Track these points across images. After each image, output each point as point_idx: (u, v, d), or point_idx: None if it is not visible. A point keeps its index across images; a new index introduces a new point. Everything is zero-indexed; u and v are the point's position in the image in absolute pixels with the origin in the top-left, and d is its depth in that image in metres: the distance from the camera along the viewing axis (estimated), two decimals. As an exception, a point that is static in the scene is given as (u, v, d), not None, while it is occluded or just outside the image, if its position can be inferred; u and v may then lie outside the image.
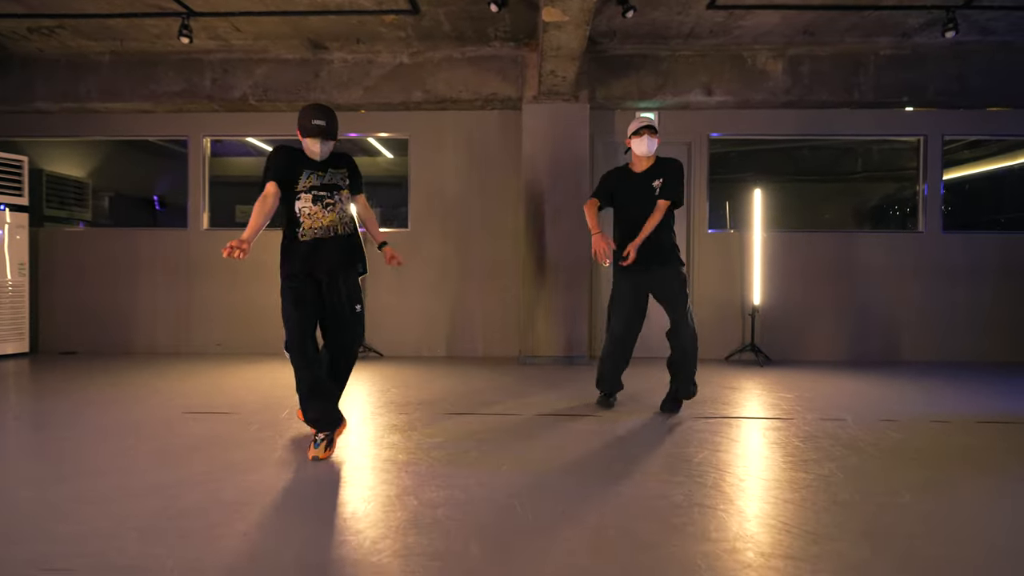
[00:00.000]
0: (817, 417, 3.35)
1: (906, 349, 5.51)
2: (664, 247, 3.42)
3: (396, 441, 2.86)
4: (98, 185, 6.34)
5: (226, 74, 5.40)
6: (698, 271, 5.57)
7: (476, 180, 5.63)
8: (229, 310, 5.70)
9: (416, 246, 5.66)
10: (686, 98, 5.29)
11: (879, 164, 6.13)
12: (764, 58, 5.25)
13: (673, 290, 3.42)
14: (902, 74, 5.22)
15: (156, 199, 6.84)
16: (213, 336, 5.72)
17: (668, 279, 3.42)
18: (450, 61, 5.33)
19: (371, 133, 5.77)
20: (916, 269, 5.52)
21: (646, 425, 3.19)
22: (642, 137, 3.36)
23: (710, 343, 5.57)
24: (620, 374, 3.62)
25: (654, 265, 3.40)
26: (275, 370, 4.80)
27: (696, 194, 5.56)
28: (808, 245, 5.57)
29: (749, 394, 4.02)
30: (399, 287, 5.65)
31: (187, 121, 5.72)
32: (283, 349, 2.77)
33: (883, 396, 3.97)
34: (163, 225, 5.85)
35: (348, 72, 5.37)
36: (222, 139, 5.89)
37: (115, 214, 6.60)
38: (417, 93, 5.35)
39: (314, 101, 5.39)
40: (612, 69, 5.29)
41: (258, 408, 3.50)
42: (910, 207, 5.77)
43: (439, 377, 4.56)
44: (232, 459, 2.59)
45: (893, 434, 3.05)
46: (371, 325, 5.66)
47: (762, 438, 2.95)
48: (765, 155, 5.97)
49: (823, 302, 5.54)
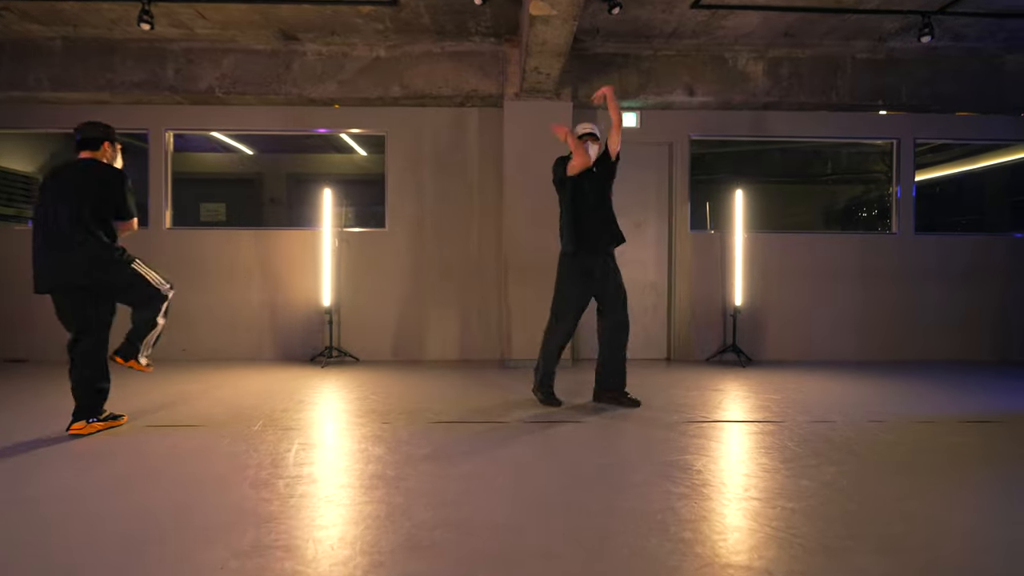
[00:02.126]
0: (808, 419, 3.33)
1: (881, 348, 5.60)
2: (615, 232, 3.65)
3: (382, 454, 2.70)
4: (49, 181, 5.92)
5: (190, 64, 5.11)
6: (679, 272, 5.55)
7: (456, 179, 5.48)
8: (193, 314, 5.40)
9: (393, 246, 5.48)
10: (668, 98, 5.26)
11: (852, 166, 6.24)
12: (745, 59, 5.26)
13: (619, 280, 3.64)
14: (878, 78, 5.30)
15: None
16: (177, 341, 5.41)
17: (614, 269, 3.63)
18: (429, 56, 5.16)
19: (346, 129, 5.56)
20: (890, 270, 5.62)
21: (637, 429, 3.11)
22: (585, 143, 3.61)
23: (691, 344, 5.56)
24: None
25: (610, 249, 3.63)
26: (244, 377, 4.56)
27: (677, 195, 5.53)
28: (786, 246, 5.61)
29: (736, 396, 3.99)
30: (375, 289, 5.46)
31: (148, 114, 5.40)
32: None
33: (866, 396, 3.99)
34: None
35: (322, 65, 5.15)
36: (186, 133, 5.58)
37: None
38: (395, 88, 5.17)
39: (286, 94, 5.15)
40: (594, 67, 5.21)
41: (228, 419, 3.28)
42: (878, 208, 5.88)
43: (420, 383, 4.40)
44: (203, 478, 2.39)
45: (884, 435, 3.04)
46: (346, 328, 5.45)
47: (758, 443, 2.90)
48: (741, 156, 5.99)
49: (800, 302, 5.58)
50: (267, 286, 5.43)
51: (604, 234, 3.60)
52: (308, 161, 6.37)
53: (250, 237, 5.46)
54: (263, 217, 6.05)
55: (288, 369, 4.93)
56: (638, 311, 5.58)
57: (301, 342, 5.41)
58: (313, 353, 5.36)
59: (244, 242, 5.46)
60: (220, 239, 5.45)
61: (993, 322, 5.65)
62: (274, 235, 5.49)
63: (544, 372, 3.67)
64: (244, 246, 5.45)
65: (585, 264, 3.56)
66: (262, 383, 4.34)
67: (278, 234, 5.50)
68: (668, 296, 5.61)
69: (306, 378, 4.55)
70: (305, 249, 5.43)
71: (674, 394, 4.02)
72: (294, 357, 5.38)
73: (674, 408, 3.60)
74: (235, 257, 5.45)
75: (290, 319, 5.42)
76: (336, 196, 5.39)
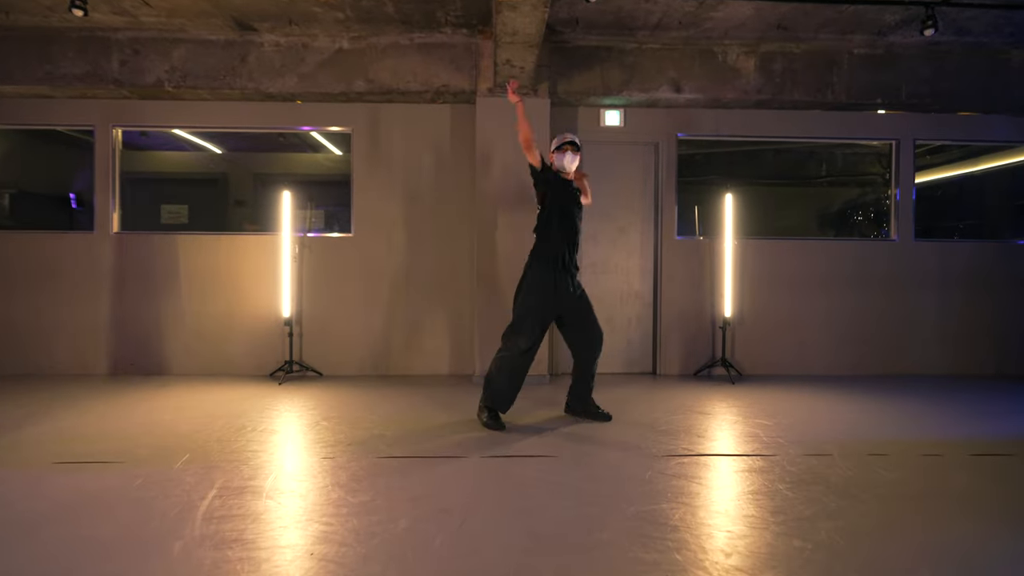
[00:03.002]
0: (801, 452, 2.99)
1: (878, 362, 5.28)
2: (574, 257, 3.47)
3: (311, 503, 2.34)
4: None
5: (137, 56, 4.72)
6: (665, 280, 5.21)
7: (426, 181, 5.11)
8: (143, 324, 5.01)
9: (360, 253, 5.11)
10: (654, 95, 4.91)
11: (848, 168, 5.91)
12: (736, 54, 4.92)
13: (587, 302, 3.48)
14: (876, 75, 4.98)
15: (73, 197, 6.05)
16: (125, 355, 5.03)
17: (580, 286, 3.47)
18: (396, 48, 4.79)
19: (309, 126, 5.18)
20: (888, 278, 5.30)
21: (611, 467, 2.76)
22: (564, 153, 3.44)
23: (678, 358, 5.22)
24: (517, 392, 3.41)
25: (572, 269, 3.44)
26: (191, 396, 4.18)
27: (664, 198, 5.19)
28: (778, 253, 5.28)
29: (723, 421, 3.65)
30: (341, 298, 5.09)
31: (93, 108, 5.00)
32: None
33: (864, 421, 3.67)
34: (82, 227, 5.06)
35: (280, 57, 4.77)
36: (136, 130, 5.19)
37: (20, 214, 5.78)
38: (359, 83, 4.80)
39: (242, 89, 4.77)
40: (574, 61, 4.86)
41: (150, 454, 2.91)
42: (875, 213, 5.57)
43: (381, 403, 4.04)
44: (95, 534, 2.03)
45: (886, 473, 2.71)
46: (310, 341, 5.07)
47: (746, 485, 2.56)
48: (731, 158, 5.65)
49: (793, 313, 5.26)
50: (225, 295, 5.05)
51: (569, 253, 3.42)
52: (278, 161, 5.98)
53: (207, 242, 5.08)
54: (228, 220, 5.65)
55: (243, 386, 4.56)
56: (621, 322, 5.24)
57: (261, 356, 5.03)
58: (274, 368, 4.99)
59: (200, 247, 5.08)
60: (173, 244, 5.07)
61: (994, 335, 5.34)
62: (232, 240, 5.11)
63: (494, 390, 3.34)
64: (200, 252, 5.07)
65: (549, 276, 3.35)
66: (208, 404, 3.96)
67: (237, 239, 5.12)
68: (654, 306, 5.27)
69: (259, 397, 4.19)
70: (267, 255, 5.05)
71: (657, 418, 3.68)
72: (252, 372, 5.01)
73: (655, 436, 3.25)
74: (189, 263, 5.06)
75: (249, 331, 5.05)
76: (304, 198, 5.02)
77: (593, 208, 5.30)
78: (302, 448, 3.05)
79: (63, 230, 5.14)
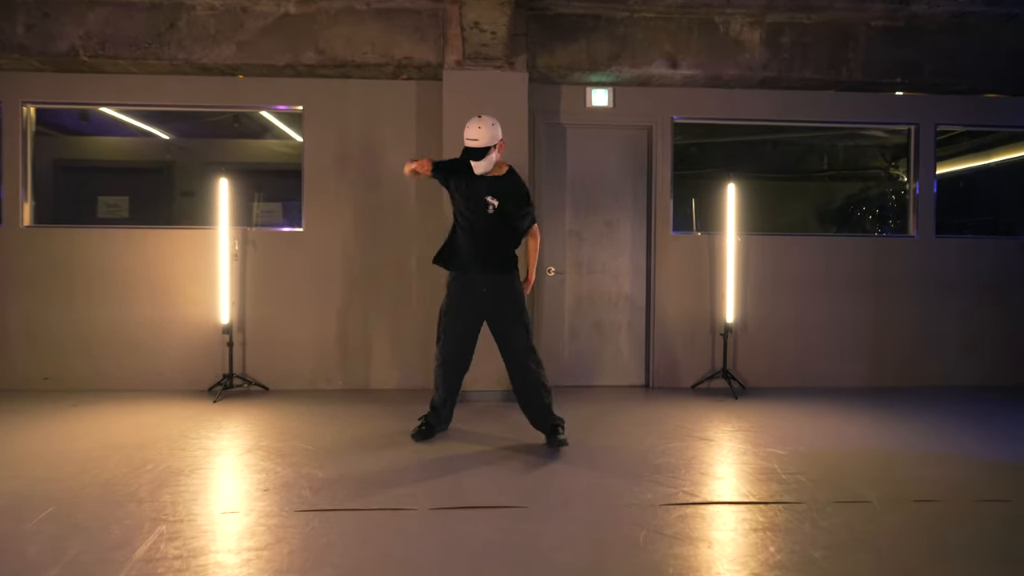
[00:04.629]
0: (832, 498, 2.41)
1: (896, 372, 4.73)
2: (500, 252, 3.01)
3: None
4: None
5: (46, 19, 4.04)
6: (660, 281, 4.62)
7: (388, 169, 4.47)
8: (59, 332, 4.33)
9: (311, 251, 4.46)
10: (647, 70, 4.32)
11: (861, 158, 5.36)
12: (739, 24, 4.34)
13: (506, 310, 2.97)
14: (896, 51, 4.42)
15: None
16: (39, 367, 4.35)
17: (501, 290, 2.97)
18: (351, 13, 4.16)
19: (252, 105, 4.53)
20: (907, 279, 4.75)
21: (588, 527, 2.16)
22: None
23: (674, 369, 4.64)
24: (450, 406, 3.16)
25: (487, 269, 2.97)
26: (97, 418, 3.52)
27: (658, 189, 4.60)
28: (785, 251, 4.71)
29: (729, 451, 3.06)
30: (289, 302, 4.44)
31: (0, 83, 4.32)
32: None
33: (897, 450, 3.10)
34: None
35: (216, 22, 4.11)
36: (50, 107, 4.51)
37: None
38: (308, 54, 4.15)
39: (171, 59, 4.12)
40: (557, 31, 4.25)
41: (56, 486, 2.27)
42: (891, 207, 5.02)
43: (326, 426, 3.41)
44: None
45: (945, 529, 2.14)
46: (253, 350, 4.43)
47: (770, 550, 1.96)
48: (732, 147, 5.07)
49: (802, 318, 4.69)
50: (157, 297, 4.39)
51: (476, 258, 3.00)
52: (233, 148, 5.29)
53: (137, 237, 4.42)
54: (172, 213, 4.95)
55: (171, 404, 3.90)
56: (610, 329, 4.65)
57: (198, 368, 4.37)
58: (213, 382, 4.33)
59: (128, 243, 4.41)
60: (95, 239, 4.39)
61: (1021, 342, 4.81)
62: (164, 235, 4.45)
63: (431, 405, 3.18)
64: (127, 248, 4.40)
65: (462, 280, 3.02)
66: (114, 429, 3.31)
67: (169, 233, 4.45)
68: (647, 310, 4.68)
69: (183, 420, 3.54)
70: (204, 252, 4.39)
71: (650, 446, 3.08)
72: (188, 386, 4.35)
73: (647, 474, 2.66)
74: (115, 262, 4.39)
75: (186, 338, 4.38)
76: (252, 188, 4.37)
77: (578, 201, 4.72)
78: (205, 495, 2.42)
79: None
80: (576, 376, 4.62)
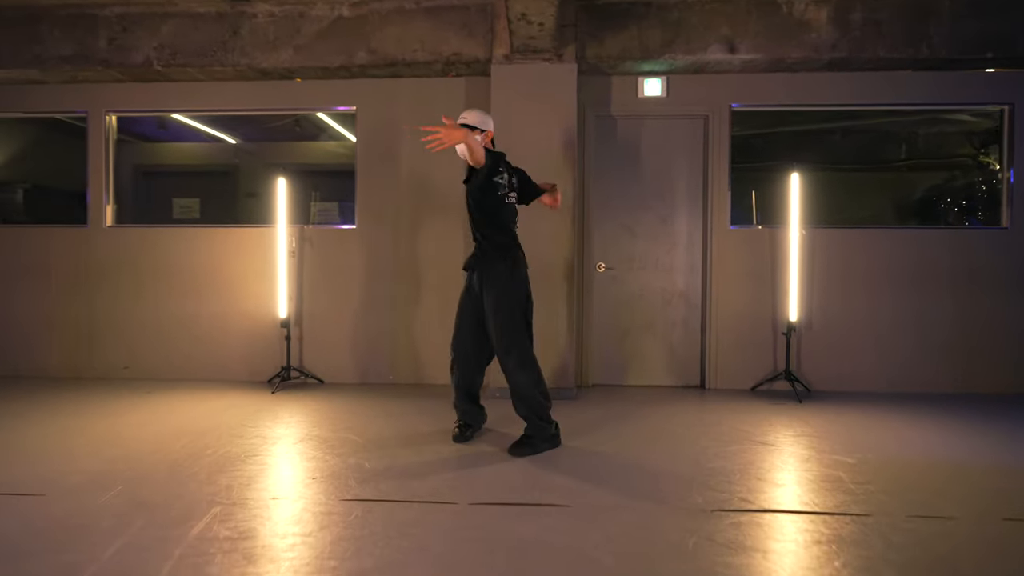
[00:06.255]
0: (907, 511, 2.20)
1: (985, 378, 4.31)
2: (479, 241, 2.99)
3: (219, 572, 1.76)
4: (8, 176, 5.28)
5: (125, 33, 4.33)
6: (716, 277, 4.41)
7: (439, 166, 4.50)
8: (136, 325, 4.64)
9: (364, 248, 4.57)
10: (702, 57, 4.14)
11: (944, 145, 4.91)
12: (804, 3, 4.07)
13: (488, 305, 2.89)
14: (985, 24, 4.02)
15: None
16: (119, 358, 4.68)
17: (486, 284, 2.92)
18: (401, 13, 4.21)
19: (310, 107, 4.68)
20: (998, 275, 4.32)
21: (639, 529, 2.07)
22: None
23: (731, 369, 4.42)
24: (472, 403, 3.06)
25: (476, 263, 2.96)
26: (168, 407, 3.74)
27: (714, 181, 4.40)
28: (855, 245, 4.39)
29: (791, 457, 2.87)
30: (343, 297, 4.56)
31: (84, 93, 4.67)
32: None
33: (986, 464, 2.80)
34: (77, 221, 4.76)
35: (275, 28, 4.28)
36: (130, 116, 4.83)
37: (33, 210, 5.56)
38: (360, 54, 4.25)
39: (234, 65, 4.31)
40: (606, 20, 4.14)
41: (79, 484, 2.43)
42: (981, 197, 4.57)
43: (375, 420, 3.47)
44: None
45: (1038, 551, 1.90)
46: (310, 344, 4.58)
47: (833, 566, 1.80)
48: (796, 138, 4.77)
49: (874, 316, 4.36)
50: (222, 293, 4.62)
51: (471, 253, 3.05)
52: (294, 150, 5.51)
53: (204, 235, 4.67)
54: (238, 213, 5.20)
55: (232, 394, 4.09)
56: (663, 327, 4.49)
57: (261, 360, 4.57)
58: (272, 373, 4.51)
59: (197, 241, 4.67)
60: (168, 238, 4.68)
61: None
62: (231, 233, 4.68)
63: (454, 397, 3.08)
64: (196, 246, 4.66)
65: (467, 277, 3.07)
66: (180, 417, 3.50)
67: (235, 232, 4.68)
68: (702, 308, 4.49)
69: (242, 409, 3.70)
70: (264, 250, 4.59)
71: (704, 448, 2.94)
72: (249, 377, 4.55)
73: (701, 479, 2.52)
74: (185, 259, 4.66)
75: (248, 332, 4.59)
76: (308, 187, 4.53)
77: (630, 196, 4.59)
78: (259, 481, 2.50)
79: (53, 224, 4.83)
80: (628, 375, 4.49)
